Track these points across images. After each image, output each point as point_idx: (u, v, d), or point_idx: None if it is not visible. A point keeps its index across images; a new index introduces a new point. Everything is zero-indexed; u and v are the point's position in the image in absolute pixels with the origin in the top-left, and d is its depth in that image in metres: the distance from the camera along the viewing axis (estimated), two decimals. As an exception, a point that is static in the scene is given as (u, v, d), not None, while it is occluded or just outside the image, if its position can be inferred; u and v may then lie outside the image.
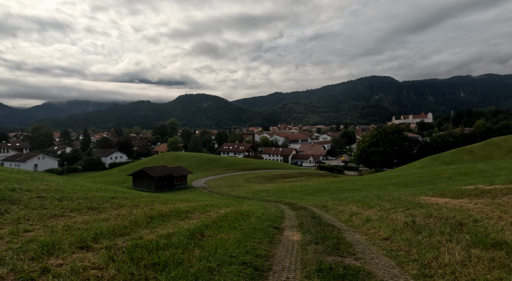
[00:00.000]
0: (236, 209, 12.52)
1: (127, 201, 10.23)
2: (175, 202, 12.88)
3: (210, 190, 47.25)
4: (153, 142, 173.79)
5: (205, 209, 10.87)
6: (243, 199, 31.67)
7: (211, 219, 8.78)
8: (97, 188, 13.26)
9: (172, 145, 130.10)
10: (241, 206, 15.79)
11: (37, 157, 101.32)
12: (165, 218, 8.00)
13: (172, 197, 15.96)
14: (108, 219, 6.75)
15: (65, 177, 17.68)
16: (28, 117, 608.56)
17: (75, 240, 4.74)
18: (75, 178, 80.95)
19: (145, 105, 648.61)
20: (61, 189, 10.45)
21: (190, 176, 63.85)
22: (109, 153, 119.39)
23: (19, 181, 10.42)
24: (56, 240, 4.58)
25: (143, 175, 51.72)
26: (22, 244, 4.29)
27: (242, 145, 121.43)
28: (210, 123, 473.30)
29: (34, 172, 15.77)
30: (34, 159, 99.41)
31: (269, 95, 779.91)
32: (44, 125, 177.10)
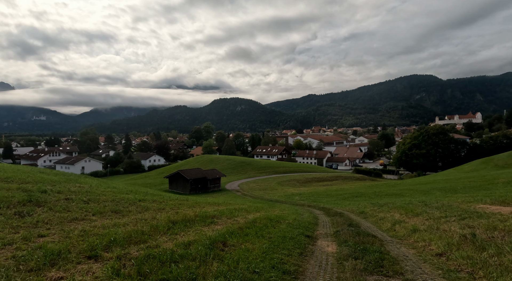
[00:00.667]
0: (266, 214, 11.82)
1: (153, 204, 9.98)
2: (204, 206, 12.48)
3: (243, 193, 46.98)
4: (189, 145, 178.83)
5: (232, 214, 10.32)
6: (276, 203, 30.86)
7: (238, 225, 8.18)
8: (127, 190, 13.28)
9: (206, 148, 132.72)
10: (272, 210, 15.08)
11: (84, 160, 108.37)
12: (189, 223, 7.54)
13: (202, 200, 15.66)
14: (128, 224, 6.42)
15: (99, 179, 18.17)
16: (78, 123, 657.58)
17: (85, 248, 4.38)
18: (116, 179, 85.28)
19: (181, 110, 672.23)
20: (91, 191, 10.47)
21: (224, 178, 64.28)
22: (148, 156, 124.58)
23: (54, 182, 10.59)
24: (65, 248, 4.24)
25: (178, 178, 52.88)
26: (28, 251, 3.98)
27: (275, 147, 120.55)
28: (244, 127, 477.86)
29: (70, 174, 16.35)
30: (81, 161, 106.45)
31: (303, 97, 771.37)
32: (91, 131, 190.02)
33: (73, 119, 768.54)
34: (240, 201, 31.70)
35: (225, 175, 59.04)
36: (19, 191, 7.95)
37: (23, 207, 6.39)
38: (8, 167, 13.48)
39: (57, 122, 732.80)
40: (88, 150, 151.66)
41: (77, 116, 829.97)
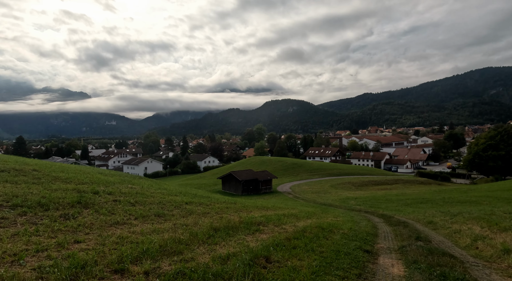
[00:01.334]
0: (318, 222, 10.81)
1: (199, 208, 9.68)
2: (251, 210, 11.93)
3: (295, 195, 45.84)
4: (241, 146, 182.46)
5: (280, 221, 9.55)
6: (329, 207, 29.25)
7: (285, 234, 7.40)
8: (177, 192, 13.33)
9: (258, 149, 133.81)
10: (325, 216, 13.95)
11: (147, 161, 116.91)
12: (232, 230, 6.99)
13: (251, 203, 15.16)
14: (168, 230, 6.08)
15: (152, 180, 18.79)
16: (142, 127, 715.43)
17: (113, 260, 4.05)
18: (174, 180, 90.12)
19: (234, 113, 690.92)
20: (142, 192, 10.59)
21: (275, 180, 63.71)
22: (203, 157, 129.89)
23: (108, 183, 10.95)
24: (92, 259, 3.94)
25: (231, 179, 53.73)
26: (56, 262, 3.74)
27: (329, 149, 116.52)
28: (296, 128, 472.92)
29: (126, 175, 17.12)
30: (144, 162, 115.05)
31: (358, 96, 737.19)
32: (152, 134, 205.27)
33: (138, 123, 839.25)
34: (291, 204, 30.75)
35: (276, 176, 58.44)
36: (74, 192, 8.21)
37: (70, 209, 6.45)
38: (72, 167, 14.53)
39: (125, 126, 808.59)
40: (150, 151, 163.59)
41: (141, 120, 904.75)
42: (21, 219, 5.27)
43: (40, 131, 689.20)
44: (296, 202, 37.87)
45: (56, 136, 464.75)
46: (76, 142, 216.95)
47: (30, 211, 5.74)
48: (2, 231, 4.56)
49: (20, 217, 5.35)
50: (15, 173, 9.37)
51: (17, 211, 5.63)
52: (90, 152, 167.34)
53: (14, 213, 5.49)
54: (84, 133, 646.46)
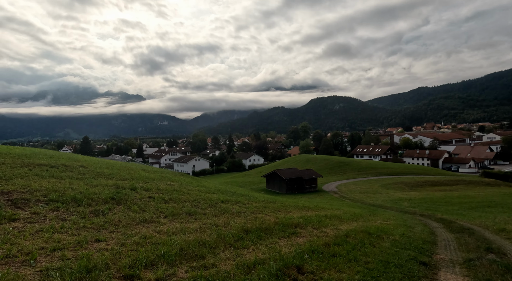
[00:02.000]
0: (365, 225, 9.77)
1: (234, 206, 9.28)
2: (291, 210, 11.25)
3: (342, 195, 43.86)
4: (286, 145, 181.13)
5: (321, 223, 8.75)
6: (379, 209, 27.24)
7: (325, 239, 6.64)
8: (216, 189, 13.15)
9: (303, 148, 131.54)
10: (373, 219, 12.72)
11: (195, 159, 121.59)
12: (265, 233, 6.44)
13: (292, 203, 14.46)
14: (196, 230, 5.74)
15: (193, 177, 18.97)
16: (191, 127, 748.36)
17: (127, 263, 3.75)
18: (220, 177, 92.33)
19: (279, 111, 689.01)
20: (179, 189, 10.52)
21: (321, 179, 61.78)
22: (248, 155, 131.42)
23: (147, 180, 11.08)
24: (104, 261, 3.68)
25: (275, 177, 53.26)
26: (65, 263, 3.54)
27: (378, 147, 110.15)
28: (343, 126, 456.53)
29: (168, 172, 17.46)
30: (192, 160, 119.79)
31: (411, 91, 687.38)
32: (200, 133, 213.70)
33: (188, 123, 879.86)
34: (336, 204, 29.27)
35: (321, 175, 56.59)
36: (112, 188, 8.32)
37: (103, 205, 6.43)
38: (118, 164, 15.16)
39: (175, 126, 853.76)
40: (198, 150, 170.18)
41: (190, 120, 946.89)
42: (52, 214, 5.30)
43: (103, 132, 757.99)
44: (342, 202, 36.09)
45: (116, 136, 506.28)
46: (133, 141, 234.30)
47: (63, 206, 5.79)
48: (28, 227, 4.55)
49: (51, 212, 5.39)
50: (64, 169, 9.85)
51: (51, 206, 5.70)
52: (145, 150, 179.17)
53: (47, 208, 5.56)
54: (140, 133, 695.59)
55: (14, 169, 8.51)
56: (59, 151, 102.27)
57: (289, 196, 45.39)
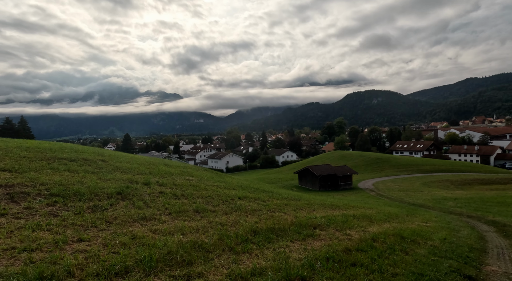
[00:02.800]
0: (398, 227, 8.64)
1: (251, 204, 8.64)
2: (316, 208, 10.37)
3: (378, 193, 41.58)
4: (320, 141, 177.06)
5: (347, 224, 7.80)
6: (419, 209, 25.14)
7: (346, 243, 5.75)
8: (237, 185, 12.61)
9: (338, 144, 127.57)
10: (410, 220, 11.41)
11: (228, 155, 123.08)
12: (277, 234, 5.72)
13: (319, 200, 13.51)
14: (197, 230, 5.18)
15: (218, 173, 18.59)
16: (226, 124, 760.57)
17: (97, 270, 3.25)
18: (253, 174, 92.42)
19: (314, 107, 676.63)
20: (197, 184, 10.13)
21: (356, 176, 59.30)
22: (281, 152, 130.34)
23: (166, 174, 10.82)
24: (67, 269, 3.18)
25: (307, 173, 52.02)
26: (24, 267, 3.12)
27: (420, 142, 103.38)
28: (381, 121, 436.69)
29: (191, 167, 17.23)
30: (226, 157, 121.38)
31: (458, 83, 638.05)
32: (234, 130, 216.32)
33: (222, 120, 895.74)
34: (372, 203, 27.54)
35: (357, 172, 54.20)
36: (125, 182, 8.09)
37: (106, 200, 6.13)
38: (141, 159, 15.19)
39: (211, 123, 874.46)
40: (232, 146, 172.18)
41: (225, 117, 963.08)
42: (46, 209, 5.04)
43: (144, 129, 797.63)
44: (379, 200, 34.07)
45: (155, 133, 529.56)
46: (171, 138, 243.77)
47: (62, 201, 5.54)
48: (13, 223, 4.29)
49: (46, 207, 5.14)
50: (82, 163, 9.85)
51: (49, 200, 5.47)
52: (181, 147, 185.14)
53: (44, 202, 5.32)
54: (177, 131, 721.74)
55: (33, 162, 8.62)
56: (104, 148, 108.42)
57: (322, 193, 43.91)
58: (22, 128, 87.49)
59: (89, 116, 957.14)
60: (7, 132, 72.36)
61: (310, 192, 45.07)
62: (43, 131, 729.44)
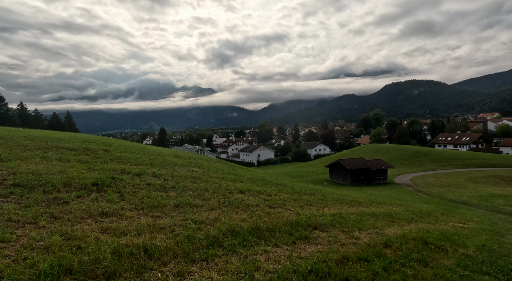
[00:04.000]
0: (425, 229, 7.22)
1: (251, 198, 7.70)
2: (330, 204, 9.20)
3: (416, 189, 38.74)
4: (355, 134, 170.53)
5: (359, 224, 6.54)
6: (461, 206, 22.63)
7: (348, 249, 4.61)
8: (248, 178, 11.72)
9: (374, 136, 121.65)
10: (443, 220, 9.80)
11: (259, 148, 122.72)
12: (260, 236, 4.74)
13: (340, 195, 12.22)
14: (157, 230, 4.36)
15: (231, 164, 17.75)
16: (259, 117, 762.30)
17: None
18: (283, 167, 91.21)
19: (349, 99, 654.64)
20: (199, 176, 9.41)
21: (393, 170, 55.98)
22: (313, 145, 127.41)
23: (168, 165, 10.24)
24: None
25: (339, 167, 49.96)
26: None
27: (466, 135, 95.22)
28: (422, 112, 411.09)
29: (206, 158, 16.58)
30: (257, 150, 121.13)
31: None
32: (266, 123, 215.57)
33: (255, 114, 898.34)
34: (408, 199, 25.34)
35: (392, 166, 51.04)
36: (113, 172, 7.55)
37: (77, 192, 5.57)
38: (148, 149, 14.77)
39: (244, 117, 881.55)
40: (264, 139, 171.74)
41: (258, 111, 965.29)
42: (-8, 201, 4.50)
43: (180, 124, 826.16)
44: (416, 196, 31.54)
45: (191, 127, 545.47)
46: (204, 132, 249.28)
47: (20, 192, 5.01)
48: None
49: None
50: (81, 152, 9.54)
51: (6, 190, 4.97)
52: (214, 140, 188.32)
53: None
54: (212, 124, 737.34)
55: (27, 151, 8.40)
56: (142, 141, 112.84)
57: (353, 188, 41.76)
58: (68, 123, 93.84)
59: (130, 112, 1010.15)
60: (54, 127, 77.96)
61: (341, 187, 43.06)
62: (90, 126, 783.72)
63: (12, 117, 74.88)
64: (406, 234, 6.15)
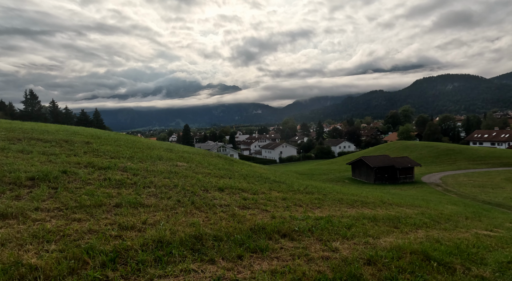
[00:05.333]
0: (435, 238, 5.80)
1: (226, 197, 6.65)
2: (327, 205, 7.95)
3: (446, 188, 36.03)
4: (383, 131, 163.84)
5: (347, 230, 5.32)
6: (494, 209, 20.26)
7: (309, 268, 3.42)
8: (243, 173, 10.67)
9: (403, 133, 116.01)
10: (466, 226, 8.23)
11: (282, 145, 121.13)
12: (196, 249, 3.68)
13: (346, 194, 10.86)
14: (60, 239, 3.43)
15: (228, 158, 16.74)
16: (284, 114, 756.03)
17: None
18: (305, 164, 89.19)
19: (377, 95, 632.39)
20: (180, 171, 8.50)
21: (421, 169, 52.71)
22: (338, 142, 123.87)
23: (149, 159, 9.42)
24: None
25: (361, 165, 47.69)
26: None
27: (506, 132, 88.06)
28: (457, 108, 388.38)
29: (200, 152, 15.63)
30: (279, 147, 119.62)
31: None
32: (290, 120, 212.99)
33: (280, 111, 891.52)
34: (434, 199, 23.19)
35: (420, 164, 47.99)
36: (75, 166, 6.79)
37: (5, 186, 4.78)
38: (137, 141, 14.02)
39: (268, 114, 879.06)
40: (287, 136, 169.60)
41: (283, 108, 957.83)
42: None
43: (206, 121, 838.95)
44: (444, 196, 29.09)
45: (216, 124, 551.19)
46: (228, 129, 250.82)
47: None
48: None
49: None
50: (56, 144, 8.94)
51: None
52: (237, 137, 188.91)
53: None
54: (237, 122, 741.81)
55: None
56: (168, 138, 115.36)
57: (377, 186, 39.50)
58: (96, 120, 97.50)
59: (158, 109, 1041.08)
60: (82, 123, 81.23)
61: (363, 185, 40.86)
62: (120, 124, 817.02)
63: (44, 115, 78.83)
64: (405, 245, 4.83)
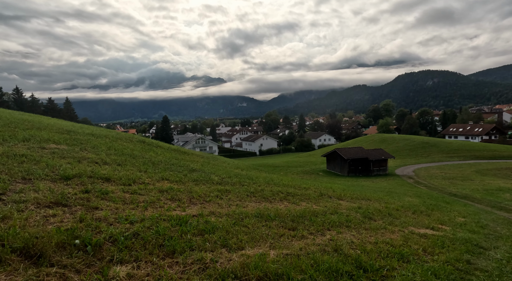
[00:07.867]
0: (336, 245, 4.30)
1: (144, 197, 4.95)
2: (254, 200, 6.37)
3: (417, 181, 35.62)
4: (364, 125, 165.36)
5: (252, 233, 3.72)
6: (458, 201, 19.51)
7: None
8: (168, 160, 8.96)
9: (382, 127, 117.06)
10: (408, 222, 6.87)
11: (262, 138, 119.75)
12: None
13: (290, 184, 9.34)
14: None
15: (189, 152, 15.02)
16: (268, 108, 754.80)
17: None
18: (284, 157, 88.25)
19: (360, 90, 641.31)
20: (30, 154, 6.65)
21: (396, 161, 52.60)
22: (318, 135, 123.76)
23: (21, 140, 7.53)
24: None
25: (336, 157, 46.79)
26: None
27: (479, 126, 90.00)
28: (436, 104, 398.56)
29: (108, 135, 13.57)
30: (260, 139, 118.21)
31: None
32: (273, 113, 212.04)
33: (265, 104, 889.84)
34: (400, 191, 22.35)
35: (393, 156, 47.61)
36: None
37: None
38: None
39: (253, 107, 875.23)
40: (269, 129, 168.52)
41: (268, 101, 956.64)
42: None
43: (190, 113, 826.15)
44: (413, 188, 28.44)
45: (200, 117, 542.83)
46: (211, 121, 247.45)
47: None
48: None
49: None
50: None
51: None
52: (219, 129, 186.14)
53: None
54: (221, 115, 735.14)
55: None
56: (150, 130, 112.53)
57: (349, 178, 38.76)
58: (66, 109, 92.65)
59: (141, 101, 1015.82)
60: (49, 113, 76.64)
61: (336, 177, 40.04)
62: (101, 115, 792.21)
63: (7, 102, 73.85)
64: (258, 264, 3.24)
